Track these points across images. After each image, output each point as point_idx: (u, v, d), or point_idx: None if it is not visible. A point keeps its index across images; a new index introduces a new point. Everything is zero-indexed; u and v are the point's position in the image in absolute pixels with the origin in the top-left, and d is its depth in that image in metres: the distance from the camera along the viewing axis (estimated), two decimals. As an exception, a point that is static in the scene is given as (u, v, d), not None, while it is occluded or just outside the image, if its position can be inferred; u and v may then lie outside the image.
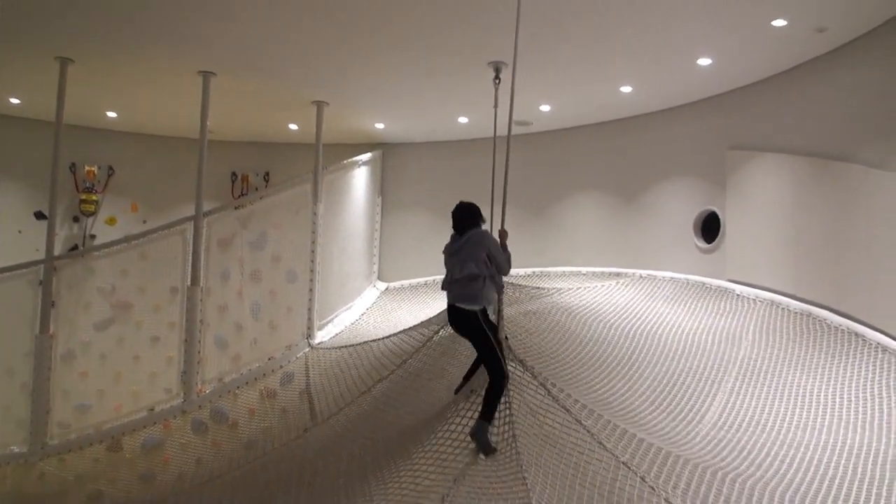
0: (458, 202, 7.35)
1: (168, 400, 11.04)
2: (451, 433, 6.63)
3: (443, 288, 7.14)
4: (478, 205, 7.30)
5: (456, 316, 6.96)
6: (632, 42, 10.08)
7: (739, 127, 11.68)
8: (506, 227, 7.39)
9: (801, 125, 10.53)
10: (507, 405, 6.43)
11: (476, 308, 6.79)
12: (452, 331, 7.46)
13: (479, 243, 6.92)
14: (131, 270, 11.26)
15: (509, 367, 6.80)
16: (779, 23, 9.19)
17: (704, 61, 10.60)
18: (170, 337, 11.26)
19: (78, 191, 14.79)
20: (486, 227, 7.32)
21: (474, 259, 6.85)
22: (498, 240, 7.20)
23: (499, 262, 6.92)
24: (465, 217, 7.15)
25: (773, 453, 6.82)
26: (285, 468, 8.49)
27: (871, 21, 9.11)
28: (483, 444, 6.40)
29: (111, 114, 14.07)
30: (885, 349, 8.39)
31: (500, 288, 7.12)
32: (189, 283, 11.15)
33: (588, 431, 6.36)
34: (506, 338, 7.24)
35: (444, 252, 7.26)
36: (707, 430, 7.26)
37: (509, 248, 7.29)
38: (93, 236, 14.80)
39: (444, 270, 7.17)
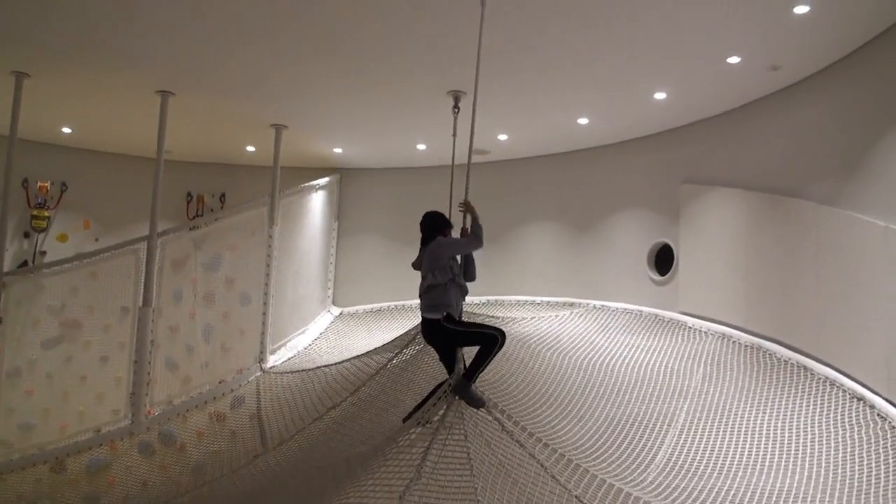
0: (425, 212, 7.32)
1: (115, 421, 10.87)
2: (401, 457, 6.59)
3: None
4: (440, 212, 7.23)
5: (424, 326, 7.01)
6: (589, 75, 10.21)
7: (693, 161, 11.85)
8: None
9: (753, 161, 10.72)
10: (464, 434, 6.41)
11: (438, 316, 6.79)
12: (408, 357, 7.46)
13: (432, 255, 6.93)
14: (82, 289, 11.10)
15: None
16: (733, 60, 9.36)
17: (660, 95, 10.76)
18: (119, 357, 11.11)
19: (30, 206, 14.59)
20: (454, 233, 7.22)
21: (430, 269, 6.88)
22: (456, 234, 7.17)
23: (466, 249, 6.91)
24: (427, 230, 7.14)
25: (724, 492, 6.86)
26: (235, 495, 8.39)
27: (822, 60, 9.32)
28: (472, 399, 6.52)
29: (66, 129, 13.91)
30: (832, 383, 8.51)
31: (464, 291, 7.07)
32: (141, 303, 11.01)
33: (541, 465, 6.37)
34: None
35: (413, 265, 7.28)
36: (658, 469, 7.29)
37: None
38: (43, 253, 14.58)
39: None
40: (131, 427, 10.69)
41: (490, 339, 6.67)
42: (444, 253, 6.86)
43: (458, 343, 6.88)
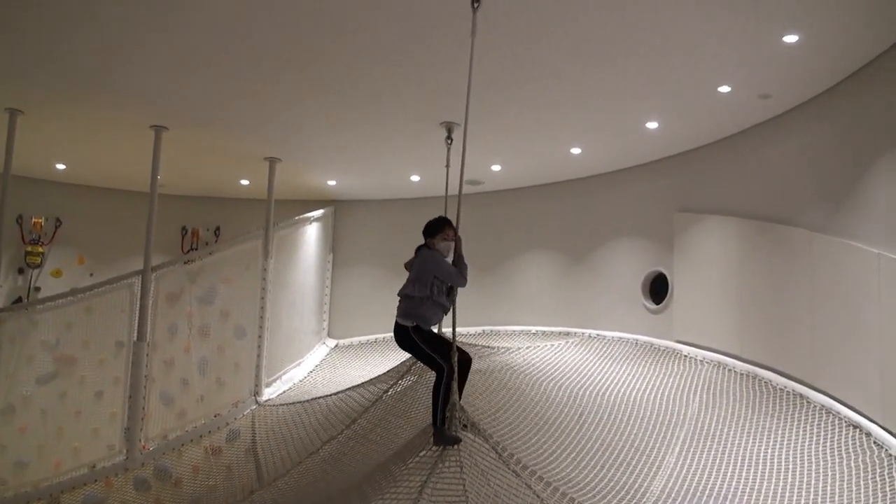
0: None
1: (110, 457, 10.81)
2: (399, 487, 6.57)
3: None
4: (437, 219, 7.21)
5: (396, 330, 7.03)
6: (581, 105, 10.26)
7: (686, 189, 11.89)
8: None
9: (746, 189, 10.75)
10: (459, 464, 6.39)
11: (409, 324, 6.85)
12: (404, 388, 7.47)
13: (422, 266, 6.95)
14: (76, 324, 11.07)
15: (462, 432, 6.77)
16: (724, 89, 9.41)
17: (652, 125, 10.80)
18: (114, 392, 11.06)
19: (24, 242, 14.59)
20: (442, 241, 7.12)
21: (416, 280, 6.91)
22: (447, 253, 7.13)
23: (449, 279, 6.90)
24: (424, 235, 7.16)
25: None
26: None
27: (812, 89, 9.36)
28: (447, 440, 6.54)
29: (60, 165, 13.94)
30: (828, 411, 8.51)
31: (444, 309, 7.06)
32: (135, 337, 10.98)
33: (537, 496, 6.35)
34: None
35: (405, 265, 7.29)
36: (654, 498, 7.26)
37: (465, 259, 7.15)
38: (37, 288, 14.57)
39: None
40: (126, 462, 10.63)
41: (439, 373, 6.79)
42: (432, 270, 6.87)
43: (419, 356, 7.01)
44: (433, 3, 7.43)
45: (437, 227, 7.11)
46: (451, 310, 7.06)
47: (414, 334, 6.82)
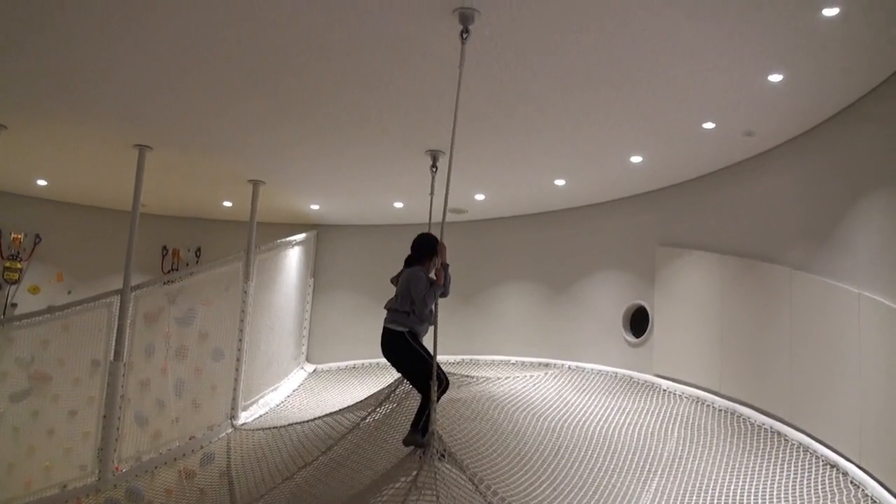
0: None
1: (82, 477, 10.66)
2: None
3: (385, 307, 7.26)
4: (430, 237, 7.25)
5: (385, 336, 7.05)
6: (566, 137, 10.28)
7: (669, 224, 11.94)
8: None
9: (728, 225, 10.79)
10: (435, 494, 6.33)
11: (402, 329, 6.90)
12: (381, 416, 7.41)
13: (406, 283, 7.01)
14: (53, 341, 10.94)
15: (444, 465, 6.74)
16: (708, 125, 9.46)
17: (636, 159, 10.85)
18: (88, 412, 10.92)
19: (2, 257, 14.47)
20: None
21: (398, 294, 7.03)
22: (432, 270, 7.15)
23: (418, 304, 6.91)
24: (413, 251, 7.23)
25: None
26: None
27: (796, 128, 9.42)
28: (416, 442, 6.63)
29: (42, 181, 13.84)
30: (806, 449, 8.49)
31: (428, 321, 7.06)
32: (112, 357, 10.86)
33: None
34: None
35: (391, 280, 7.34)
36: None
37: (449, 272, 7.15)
38: (14, 304, 14.43)
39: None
40: (98, 483, 10.49)
41: (423, 392, 6.83)
42: (413, 289, 6.91)
43: (403, 363, 7.04)
44: (421, 31, 7.44)
45: (425, 253, 7.17)
46: (434, 326, 7.06)
47: (409, 338, 6.88)
